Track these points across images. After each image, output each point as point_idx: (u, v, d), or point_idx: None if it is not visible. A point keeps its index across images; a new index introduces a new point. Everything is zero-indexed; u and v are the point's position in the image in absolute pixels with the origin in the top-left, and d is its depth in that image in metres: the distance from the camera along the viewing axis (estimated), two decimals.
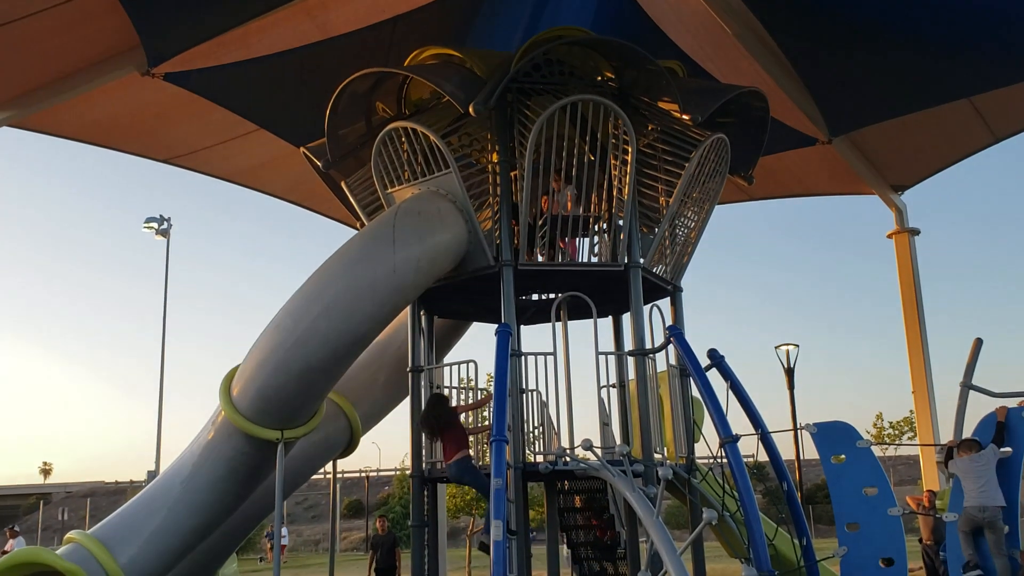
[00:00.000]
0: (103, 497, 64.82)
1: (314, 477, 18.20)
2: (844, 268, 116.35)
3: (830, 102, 15.89)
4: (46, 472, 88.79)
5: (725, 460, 8.79)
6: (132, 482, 63.90)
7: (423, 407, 10.24)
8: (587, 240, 10.80)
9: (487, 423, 10.47)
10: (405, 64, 10.92)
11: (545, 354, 10.30)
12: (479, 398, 10.78)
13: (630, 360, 10.36)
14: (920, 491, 16.16)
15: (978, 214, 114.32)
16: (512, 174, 10.37)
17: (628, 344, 10.92)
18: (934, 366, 18.33)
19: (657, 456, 9.98)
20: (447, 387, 10.78)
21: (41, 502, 66.11)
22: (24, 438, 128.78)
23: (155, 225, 35.53)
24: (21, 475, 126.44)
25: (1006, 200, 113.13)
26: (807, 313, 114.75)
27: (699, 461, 11.13)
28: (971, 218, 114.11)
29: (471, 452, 9.89)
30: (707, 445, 9.76)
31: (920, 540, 15.31)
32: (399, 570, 16.84)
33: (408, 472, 11.00)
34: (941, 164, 18.52)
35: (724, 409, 9.03)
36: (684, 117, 9.94)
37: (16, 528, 23.91)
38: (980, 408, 10.82)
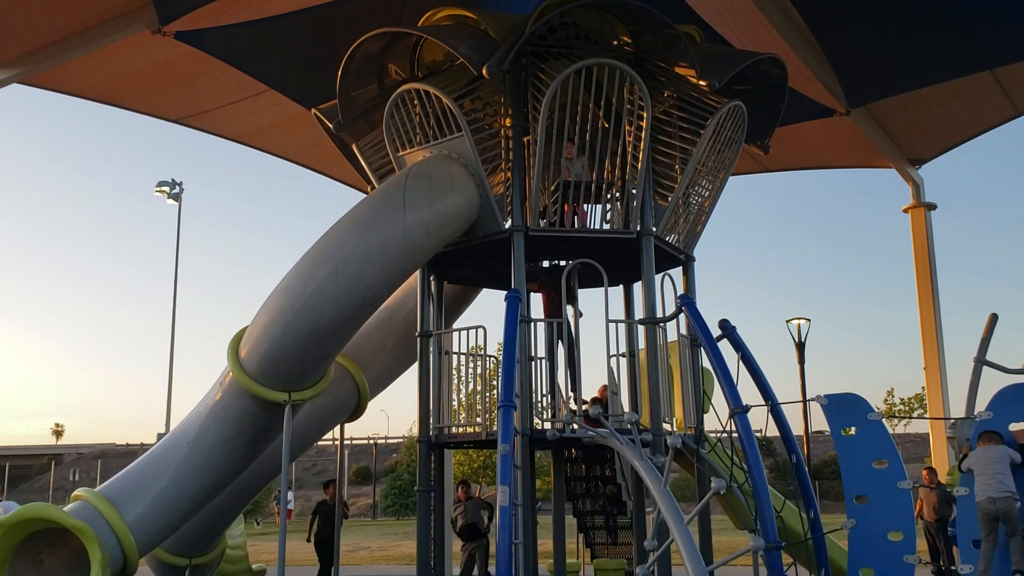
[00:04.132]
0: (113, 459, 65.37)
1: (322, 443, 18.11)
2: (858, 242, 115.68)
3: (849, 72, 15.65)
4: (58, 433, 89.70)
5: (735, 432, 8.72)
6: (142, 444, 64.50)
7: None
8: (599, 207, 10.70)
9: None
10: (418, 25, 10.77)
11: (555, 321, 10.23)
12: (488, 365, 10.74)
13: (640, 329, 10.28)
14: (936, 468, 16.05)
15: (996, 189, 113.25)
16: (525, 139, 10.26)
17: (639, 313, 10.85)
18: (947, 342, 18.23)
19: (666, 426, 9.93)
20: (456, 353, 10.75)
21: (53, 463, 66.92)
22: (37, 399, 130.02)
23: (167, 189, 35.51)
24: (33, 436, 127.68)
25: None
26: (820, 287, 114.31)
27: (708, 432, 11.08)
28: (989, 193, 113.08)
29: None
30: (716, 416, 9.70)
31: (921, 517, 15.26)
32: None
33: (416, 439, 11.00)
34: (960, 138, 18.28)
35: (734, 380, 8.95)
36: (701, 83, 9.77)
37: None
38: (993, 384, 10.71)
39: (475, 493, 13.19)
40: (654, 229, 10.21)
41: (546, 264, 11.67)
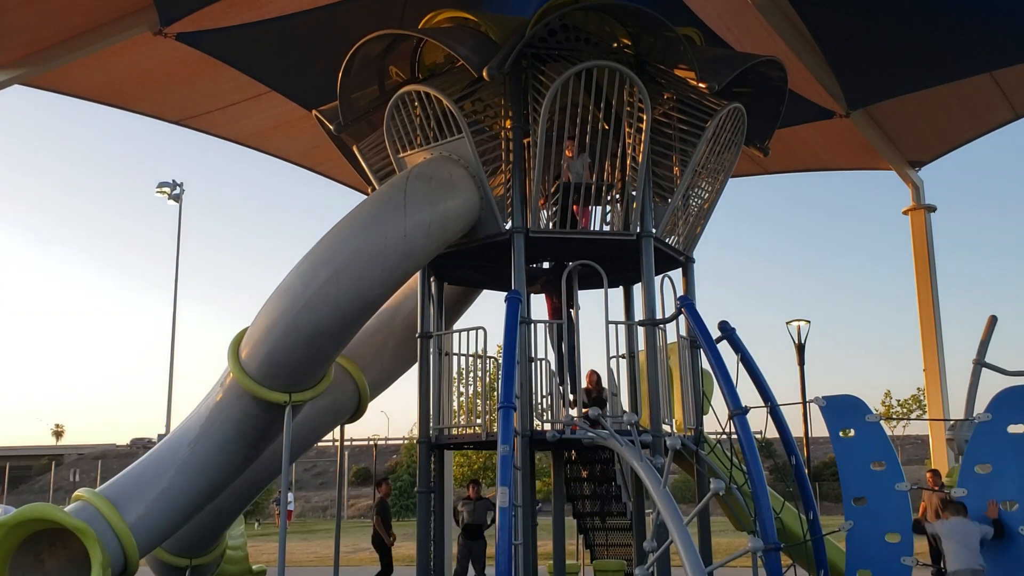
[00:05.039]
0: (114, 459, 65.40)
1: (323, 444, 18.03)
2: (858, 244, 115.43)
3: (849, 74, 15.65)
4: (58, 434, 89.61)
5: (734, 434, 8.74)
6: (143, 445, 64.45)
7: None
8: (599, 209, 10.72)
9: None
10: (419, 27, 10.79)
11: (555, 322, 10.24)
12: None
13: (640, 330, 10.29)
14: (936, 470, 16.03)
15: (996, 191, 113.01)
16: (525, 141, 10.28)
17: (639, 315, 10.86)
18: (946, 344, 18.23)
19: (665, 427, 9.94)
20: (456, 354, 10.76)
21: (53, 463, 66.91)
22: (37, 400, 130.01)
23: (168, 190, 35.48)
24: (33, 437, 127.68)
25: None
26: (820, 289, 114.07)
27: (707, 433, 11.10)
28: (988, 195, 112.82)
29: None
30: (716, 417, 9.72)
31: (924, 519, 15.24)
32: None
33: (416, 440, 11.01)
34: (960, 140, 18.28)
35: (734, 381, 8.97)
36: (700, 85, 9.80)
37: None
38: (992, 386, 10.73)
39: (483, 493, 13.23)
40: (654, 231, 10.23)
41: (547, 266, 11.69)
